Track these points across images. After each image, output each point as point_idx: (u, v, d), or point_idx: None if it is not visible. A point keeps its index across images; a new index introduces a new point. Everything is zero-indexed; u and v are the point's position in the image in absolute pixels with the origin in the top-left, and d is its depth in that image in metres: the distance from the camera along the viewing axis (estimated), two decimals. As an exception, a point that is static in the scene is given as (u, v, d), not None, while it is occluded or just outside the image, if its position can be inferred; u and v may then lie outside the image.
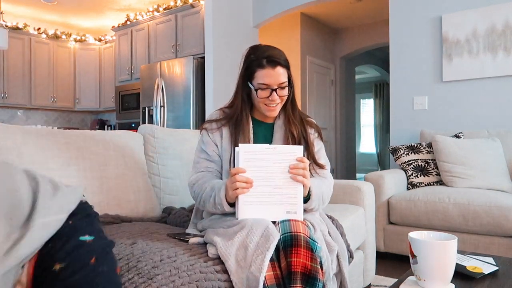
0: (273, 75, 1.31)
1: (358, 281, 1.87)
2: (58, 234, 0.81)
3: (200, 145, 1.45)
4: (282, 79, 1.33)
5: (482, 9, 3.07)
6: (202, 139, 1.45)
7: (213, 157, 1.41)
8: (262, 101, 1.35)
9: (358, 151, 9.87)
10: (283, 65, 1.33)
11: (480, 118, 3.11)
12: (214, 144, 1.41)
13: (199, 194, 1.32)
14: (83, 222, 0.87)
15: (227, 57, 4.26)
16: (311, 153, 1.41)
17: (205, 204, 1.30)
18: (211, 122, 1.44)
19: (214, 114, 1.47)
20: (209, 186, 1.29)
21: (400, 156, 2.87)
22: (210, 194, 1.26)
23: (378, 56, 7.45)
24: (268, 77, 1.31)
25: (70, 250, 0.78)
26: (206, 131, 1.43)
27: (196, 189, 1.34)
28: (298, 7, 4.34)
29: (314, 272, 1.05)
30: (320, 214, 1.43)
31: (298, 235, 1.09)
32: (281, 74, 1.32)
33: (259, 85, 1.33)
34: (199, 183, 1.34)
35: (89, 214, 0.91)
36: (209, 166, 1.40)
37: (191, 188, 1.37)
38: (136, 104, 5.12)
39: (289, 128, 1.41)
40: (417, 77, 3.40)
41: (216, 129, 1.42)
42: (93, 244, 0.82)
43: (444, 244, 0.97)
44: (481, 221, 2.22)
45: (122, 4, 5.36)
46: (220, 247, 1.10)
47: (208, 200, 1.27)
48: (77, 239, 0.81)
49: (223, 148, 1.40)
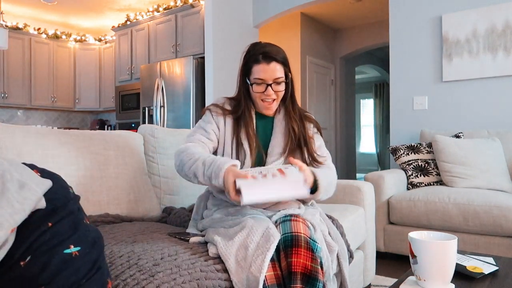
0: (268, 70, 1.32)
1: (358, 281, 1.87)
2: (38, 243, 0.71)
3: (199, 123, 1.43)
4: (277, 74, 1.33)
5: (482, 9, 3.07)
6: (203, 118, 1.43)
7: (210, 135, 1.38)
8: (258, 96, 1.36)
9: (358, 151, 9.87)
10: (279, 61, 1.34)
11: (480, 118, 3.11)
12: (216, 125, 1.40)
13: (186, 162, 1.26)
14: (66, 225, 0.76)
15: (227, 57, 4.26)
16: (311, 149, 1.40)
17: (194, 176, 1.24)
18: (216, 106, 1.42)
19: (220, 99, 1.45)
20: (200, 159, 1.24)
21: (400, 156, 2.87)
22: (202, 170, 1.22)
23: (378, 56, 7.45)
24: (263, 72, 1.32)
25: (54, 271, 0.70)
26: (210, 112, 1.42)
27: (183, 157, 1.28)
28: (298, 7, 4.34)
29: (314, 273, 1.05)
30: (321, 214, 1.43)
31: (299, 236, 1.09)
32: (276, 70, 1.33)
33: (254, 79, 1.34)
34: (188, 152, 1.29)
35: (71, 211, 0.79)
36: (202, 140, 1.37)
37: (178, 155, 1.31)
38: (136, 104, 5.12)
39: (290, 123, 1.41)
40: (417, 77, 3.40)
41: (221, 114, 1.40)
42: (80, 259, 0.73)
43: (444, 244, 0.97)
44: (481, 221, 2.22)
45: (122, 4, 5.36)
46: (221, 247, 1.10)
47: (199, 174, 1.22)
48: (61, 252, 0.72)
49: (225, 136, 1.39)
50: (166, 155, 1.84)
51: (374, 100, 9.44)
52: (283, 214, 1.21)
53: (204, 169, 1.22)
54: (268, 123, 1.45)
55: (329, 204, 1.96)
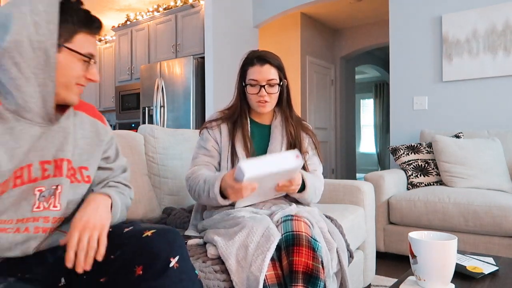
0: (262, 72, 1.38)
1: (358, 281, 1.87)
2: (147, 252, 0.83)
3: (199, 143, 1.49)
4: (271, 76, 1.39)
5: (482, 9, 3.07)
6: (202, 137, 1.49)
7: (212, 152, 1.44)
8: (253, 97, 1.41)
9: (358, 151, 9.86)
10: (272, 64, 1.40)
11: (480, 118, 3.11)
12: (214, 140, 1.45)
13: (193, 186, 1.35)
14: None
15: (227, 57, 4.26)
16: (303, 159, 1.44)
17: (199, 196, 1.33)
18: (210, 122, 1.48)
19: (213, 115, 1.52)
20: (202, 179, 1.32)
21: (400, 156, 2.87)
22: (203, 188, 1.29)
23: (378, 56, 7.45)
24: (257, 74, 1.39)
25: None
26: (206, 129, 1.48)
27: (190, 182, 1.38)
28: (298, 7, 4.34)
29: (315, 271, 1.05)
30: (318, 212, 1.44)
31: (300, 235, 1.10)
32: (270, 72, 1.39)
33: (249, 81, 1.40)
34: (193, 177, 1.37)
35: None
36: (207, 161, 1.43)
37: (187, 181, 1.41)
38: (136, 104, 5.12)
39: (287, 127, 1.46)
40: (417, 77, 3.40)
41: (216, 126, 1.46)
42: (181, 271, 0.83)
43: (444, 244, 0.97)
44: (481, 221, 2.22)
45: (122, 4, 5.36)
46: (221, 247, 1.10)
47: (202, 193, 1.30)
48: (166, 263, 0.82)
49: (222, 145, 1.43)
50: (166, 155, 1.84)
51: (374, 100, 9.44)
52: (284, 214, 1.21)
53: (204, 185, 1.29)
54: (265, 130, 1.48)
55: (329, 204, 1.96)
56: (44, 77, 0.83)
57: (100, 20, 0.94)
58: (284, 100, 1.48)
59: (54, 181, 0.90)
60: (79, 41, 0.88)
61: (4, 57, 0.80)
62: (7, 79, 0.82)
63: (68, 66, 0.87)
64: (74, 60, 0.88)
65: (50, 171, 0.90)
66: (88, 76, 0.92)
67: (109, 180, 1.07)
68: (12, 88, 0.82)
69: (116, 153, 1.10)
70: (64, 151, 0.91)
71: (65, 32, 0.86)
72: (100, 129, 1.03)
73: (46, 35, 0.82)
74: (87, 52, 0.90)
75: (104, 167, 1.06)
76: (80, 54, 0.88)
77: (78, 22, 0.88)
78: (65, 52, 0.86)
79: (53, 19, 0.82)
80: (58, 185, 0.91)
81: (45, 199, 0.89)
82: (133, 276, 0.80)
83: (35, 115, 0.85)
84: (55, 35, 0.83)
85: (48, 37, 0.82)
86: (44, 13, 0.82)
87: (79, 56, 0.88)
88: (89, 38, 0.90)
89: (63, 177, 0.91)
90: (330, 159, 6.01)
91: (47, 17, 0.82)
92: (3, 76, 0.82)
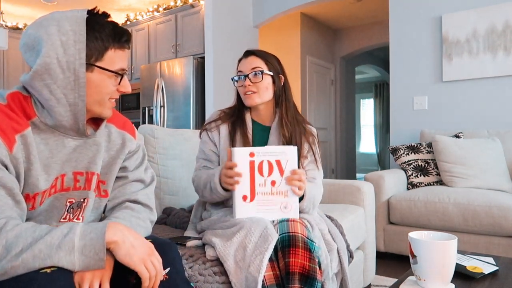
0: (246, 63, 1.41)
1: (358, 281, 1.87)
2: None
3: (199, 145, 1.50)
4: (254, 65, 1.39)
5: (482, 9, 3.07)
6: (201, 140, 1.49)
7: (210, 156, 1.44)
8: (240, 90, 1.42)
9: (358, 151, 9.86)
10: (257, 55, 1.41)
11: (480, 118, 3.10)
12: (212, 143, 1.44)
13: (198, 186, 1.37)
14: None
15: (227, 57, 4.26)
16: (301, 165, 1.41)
17: (204, 193, 1.35)
18: (210, 123, 1.47)
19: (213, 114, 1.50)
20: (205, 174, 1.35)
21: (400, 156, 2.87)
22: (205, 182, 1.31)
23: (378, 56, 7.45)
24: (242, 65, 1.42)
25: None
26: (206, 131, 1.47)
27: (196, 185, 1.40)
28: (298, 7, 4.34)
29: (312, 272, 1.05)
30: (318, 213, 1.43)
31: (296, 236, 1.09)
32: (254, 62, 1.40)
33: (237, 74, 1.42)
34: (197, 177, 1.40)
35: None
36: (206, 165, 1.44)
37: (193, 182, 1.43)
38: (136, 104, 5.11)
39: (281, 130, 1.41)
40: (417, 77, 3.40)
41: (215, 127, 1.45)
42: None
43: (444, 244, 0.97)
44: (481, 221, 2.22)
45: (122, 4, 5.36)
46: (219, 248, 1.10)
47: (205, 188, 1.32)
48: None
49: (221, 147, 1.42)
50: (166, 155, 1.84)
51: (374, 100, 9.44)
52: None
53: (206, 179, 1.31)
54: (265, 132, 1.46)
55: (329, 204, 1.96)
56: (74, 97, 0.83)
57: (128, 32, 0.91)
58: (283, 99, 1.43)
59: (83, 194, 0.93)
60: (110, 57, 0.87)
61: (36, 79, 0.81)
62: (42, 99, 0.83)
63: (101, 84, 0.87)
64: (106, 77, 0.87)
65: (81, 183, 0.92)
66: (121, 90, 0.91)
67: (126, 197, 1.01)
68: (45, 107, 0.84)
69: (136, 165, 1.05)
70: (96, 165, 0.94)
71: (95, 51, 0.85)
72: (126, 141, 1.01)
73: (75, 55, 0.81)
74: (119, 68, 0.89)
75: (119, 176, 1.02)
76: (112, 71, 0.87)
77: (107, 38, 0.86)
78: (97, 71, 0.86)
79: (81, 38, 0.82)
80: (85, 198, 0.93)
81: (73, 211, 0.92)
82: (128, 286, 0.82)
83: (68, 130, 0.87)
84: (83, 54, 0.82)
85: (76, 57, 0.81)
86: (71, 32, 0.81)
87: (111, 73, 0.87)
88: (120, 53, 0.89)
89: (91, 190, 0.94)
90: (330, 159, 6.01)
91: (74, 36, 0.81)
92: (38, 96, 0.83)
